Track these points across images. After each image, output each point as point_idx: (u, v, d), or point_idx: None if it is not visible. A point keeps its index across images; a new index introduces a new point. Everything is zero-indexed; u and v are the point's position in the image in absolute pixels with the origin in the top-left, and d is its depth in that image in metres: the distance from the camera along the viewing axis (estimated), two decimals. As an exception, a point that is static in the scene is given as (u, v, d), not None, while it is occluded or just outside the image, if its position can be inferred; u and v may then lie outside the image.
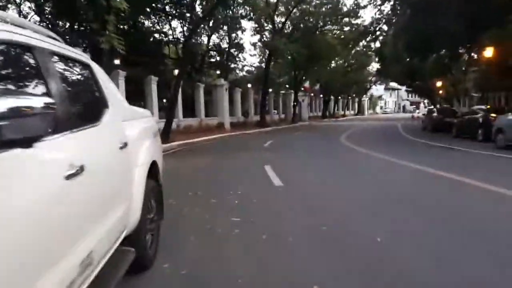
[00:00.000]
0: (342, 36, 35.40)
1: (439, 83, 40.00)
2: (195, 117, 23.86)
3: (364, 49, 48.56)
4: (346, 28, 33.54)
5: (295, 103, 37.54)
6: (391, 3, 24.87)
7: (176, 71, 20.55)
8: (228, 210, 4.88)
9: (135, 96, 19.15)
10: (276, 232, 3.97)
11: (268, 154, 11.52)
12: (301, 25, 30.96)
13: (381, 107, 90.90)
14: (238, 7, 30.38)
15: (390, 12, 27.19)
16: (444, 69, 37.98)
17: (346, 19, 31.91)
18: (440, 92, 43.46)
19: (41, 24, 26.50)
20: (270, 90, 35.48)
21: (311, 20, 31.29)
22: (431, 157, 10.41)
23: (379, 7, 25.66)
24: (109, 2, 8.47)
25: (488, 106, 18.13)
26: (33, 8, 25.59)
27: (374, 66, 57.83)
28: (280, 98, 40.22)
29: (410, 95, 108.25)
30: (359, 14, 30.80)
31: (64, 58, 2.20)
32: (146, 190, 2.91)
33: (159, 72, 20.96)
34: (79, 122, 1.99)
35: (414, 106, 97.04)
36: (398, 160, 9.18)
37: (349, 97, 67.15)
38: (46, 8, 21.08)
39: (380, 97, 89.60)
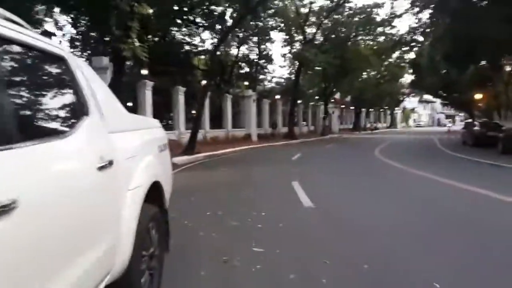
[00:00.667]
0: (375, 47, 34.33)
1: (478, 96, 37.96)
2: (222, 128, 23.45)
3: (398, 60, 47.16)
4: (380, 38, 32.46)
5: (325, 115, 36.57)
6: (430, 11, 23.67)
7: (204, 82, 20.29)
8: (250, 237, 4.19)
9: (163, 107, 18.97)
10: (306, 269, 3.24)
11: (296, 169, 10.77)
12: (333, 36, 30.18)
13: (414, 120, 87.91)
14: (268, 18, 30.14)
15: (428, 20, 26.00)
16: (484, 81, 36.05)
17: (380, 29, 30.86)
18: (480, 104, 41.22)
19: (77, 36, 27.22)
20: (299, 101, 34.75)
21: (343, 30, 30.45)
22: (481, 176, 9.32)
23: (416, 15, 24.50)
24: (132, 8, 8.09)
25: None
26: (69, 20, 26.31)
27: (408, 78, 56.31)
28: (309, 110, 39.37)
29: (445, 108, 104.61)
30: (393, 24, 29.67)
31: (25, 48, 1.62)
32: (141, 220, 2.29)
33: (187, 82, 20.74)
34: (26, 136, 1.38)
35: (450, 120, 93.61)
36: (442, 179, 8.21)
37: (381, 110, 65.23)
38: (82, 20, 21.48)
39: (413, 110, 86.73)
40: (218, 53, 22.34)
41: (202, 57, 27.57)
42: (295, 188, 7.31)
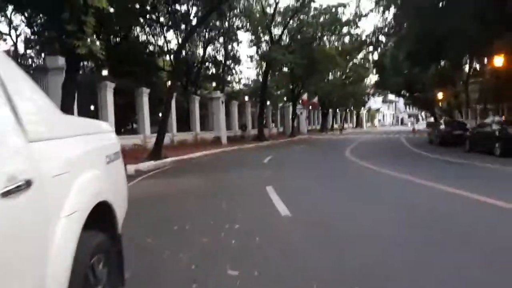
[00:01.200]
0: (340, 47, 34.64)
1: (440, 95, 39.16)
2: (190, 131, 22.69)
3: (362, 61, 48.05)
4: (346, 39, 32.76)
5: (294, 116, 36.48)
6: (394, 10, 23.97)
7: (170, 83, 19.52)
8: (223, 256, 3.64)
9: (126, 109, 18.02)
10: (291, 297, 2.74)
11: (268, 173, 10.29)
12: (299, 36, 30.07)
13: (379, 120, 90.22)
14: (234, 18, 29.66)
15: (391, 20, 26.35)
16: (446, 80, 37.23)
17: (345, 29, 31.10)
18: (441, 103, 42.61)
19: (32, 35, 25.62)
20: (268, 103, 34.48)
21: (309, 30, 30.43)
22: (457, 176, 9.16)
23: (382, 15, 24.74)
24: (86, 1, 7.33)
25: (504, 118, 17.07)
26: (23, 20, 24.72)
27: (372, 78, 57.56)
28: (278, 111, 39.20)
29: (408, 108, 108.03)
30: (359, 24, 29.93)
31: None
32: (80, 255, 1.70)
33: (152, 84, 19.86)
34: None
35: (413, 119, 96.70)
36: (420, 180, 7.98)
37: (347, 110, 66.29)
38: (37, 19, 20.13)
39: (378, 110, 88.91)
40: (183, 53, 21.61)
41: (168, 58, 26.72)
42: (270, 194, 6.81)
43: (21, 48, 28.24)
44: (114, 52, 18.26)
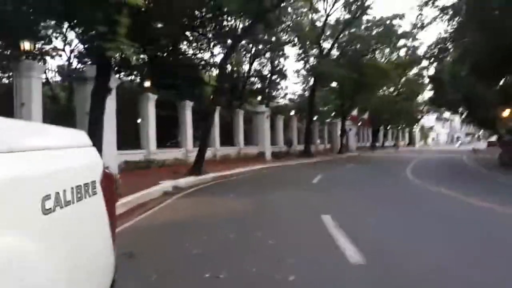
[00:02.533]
0: (395, 61, 32.53)
1: (506, 112, 35.58)
2: (233, 146, 21.71)
3: (416, 76, 45.24)
4: (401, 52, 30.68)
5: (342, 133, 34.63)
6: (458, 19, 21.96)
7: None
8: None
9: (168, 123, 17.37)
10: None
11: (321, 196, 8.86)
12: (350, 49, 28.51)
13: (432, 139, 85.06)
14: (281, 33, 28.70)
15: (454, 31, 24.20)
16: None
17: (402, 42, 29.05)
18: (507, 122, 38.76)
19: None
20: (315, 118, 32.99)
21: (360, 44, 28.78)
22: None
23: (448, 22, 22.74)
24: (120, -2, 6.48)
25: None
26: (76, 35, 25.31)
27: (426, 95, 54.16)
28: (325, 127, 37.47)
29: (464, 127, 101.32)
30: (417, 36, 27.81)
31: None
32: None
33: (196, 97, 19.15)
34: None
35: (470, 138, 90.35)
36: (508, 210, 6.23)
37: (399, 128, 62.88)
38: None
39: (431, 128, 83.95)
40: (228, 66, 20.84)
41: (213, 73, 26.21)
42: (329, 228, 5.42)
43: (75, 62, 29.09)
44: (157, 65, 17.83)
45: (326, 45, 29.26)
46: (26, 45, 9.02)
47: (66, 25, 18.23)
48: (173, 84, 17.97)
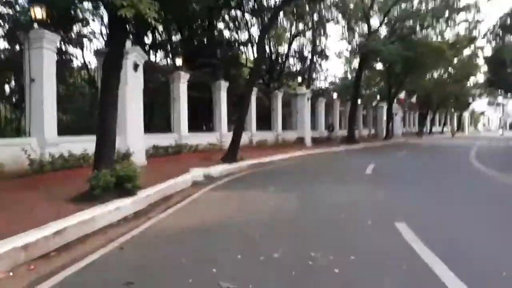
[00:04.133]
0: (450, 40, 29.29)
1: None
2: (270, 130, 20.15)
3: (470, 57, 41.10)
4: (461, 28, 27.40)
5: (390, 118, 32.12)
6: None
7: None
8: None
9: (201, 104, 16.07)
10: None
11: (383, 193, 7.15)
12: (401, 26, 25.77)
13: (484, 125, 79.23)
14: (323, 10, 26.43)
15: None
16: None
17: (462, 16, 25.74)
18: None
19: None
20: (359, 102, 30.68)
21: (413, 20, 25.92)
22: None
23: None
24: None
25: None
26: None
27: (479, 77, 49.69)
28: (370, 111, 34.95)
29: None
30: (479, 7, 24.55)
31: None
32: None
33: (232, 78, 17.69)
34: None
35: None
36: None
37: (447, 113, 58.60)
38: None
39: (482, 113, 78.18)
40: (266, 43, 19.12)
41: (250, 53, 24.57)
42: (412, 244, 3.80)
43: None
44: (191, 43, 16.48)
45: (374, 22, 26.76)
46: (37, 12, 7.80)
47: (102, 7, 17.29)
48: (208, 63, 16.57)
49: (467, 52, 38.61)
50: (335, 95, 27.85)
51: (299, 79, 25.22)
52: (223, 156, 12.16)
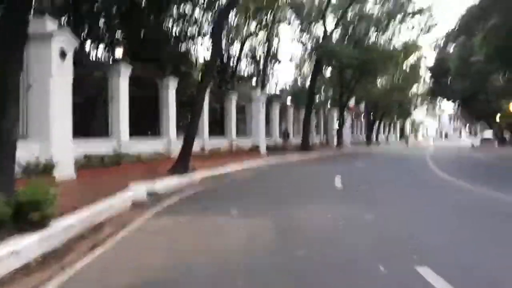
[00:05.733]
0: (399, 46, 29.61)
1: (512, 105, 33.34)
2: (224, 137, 18.53)
3: (413, 66, 42.31)
4: (410, 34, 27.69)
5: (341, 125, 31.81)
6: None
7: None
8: None
9: (146, 104, 14.06)
10: None
11: (372, 217, 5.83)
12: (356, 29, 25.43)
13: (422, 135, 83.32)
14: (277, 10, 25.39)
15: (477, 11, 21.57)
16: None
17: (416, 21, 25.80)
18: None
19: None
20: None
21: (366, 24, 25.73)
22: None
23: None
24: None
25: None
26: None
27: (419, 87, 51.69)
28: (321, 118, 34.48)
29: (452, 122, 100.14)
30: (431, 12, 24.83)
31: None
32: None
33: (182, 75, 15.82)
34: None
35: (459, 133, 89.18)
36: None
37: (391, 122, 60.54)
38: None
39: (421, 123, 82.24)
40: (222, 36, 17.46)
41: (201, 55, 22.80)
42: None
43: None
44: (135, 34, 14.44)
45: (328, 25, 26.16)
46: None
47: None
48: (154, 57, 14.56)
49: (411, 61, 39.79)
50: (288, 100, 26.87)
51: (253, 82, 23.91)
52: (172, 166, 10.35)
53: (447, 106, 77.55)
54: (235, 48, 27.21)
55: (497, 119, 41.12)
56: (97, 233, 4.87)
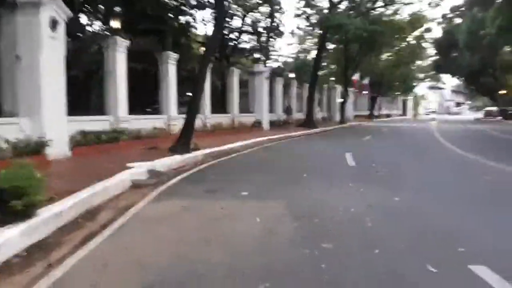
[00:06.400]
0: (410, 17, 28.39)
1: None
2: (226, 113, 17.88)
3: (419, 39, 40.94)
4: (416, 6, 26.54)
5: (344, 100, 31.08)
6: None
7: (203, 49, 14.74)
8: None
9: (145, 80, 13.37)
10: None
11: (399, 200, 5.30)
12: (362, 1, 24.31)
13: (425, 108, 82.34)
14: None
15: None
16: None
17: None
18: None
19: None
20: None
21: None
22: None
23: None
24: None
25: None
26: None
27: (424, 61, 50.47)
28: (325, 94, 33.65)
29: (455, 96, 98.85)
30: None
31: None
32: None
33: (181, 49, 15.03)
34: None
35: (460, 107, 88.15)
36: None
37: (395, 96, 59.57)
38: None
39: (423, 97, 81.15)
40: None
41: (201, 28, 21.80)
42: None
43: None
44: (132, 8, 13.55)
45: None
46: None
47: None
48: (153, 29, 13.73)
49: (417, 34, 38.51)
50: (292, 75, 26.03)
51: (256, 56, 23.01)
52: (174, 144, 9.80)
53: (449, 81, 76.65)
54: (236, 23, 26.17)
55: (503, 93, 40.37)
56: (93, 219, 4.36)
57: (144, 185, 6.29)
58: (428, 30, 38.71)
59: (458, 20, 38.09)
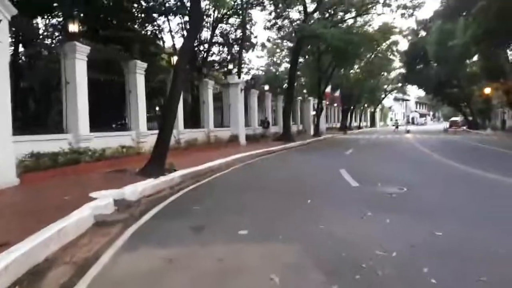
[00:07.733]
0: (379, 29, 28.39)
1: (487, 90, 33.19)
2: (200, 128, 16.57)
3: (390, 49, 41.28)
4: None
5: (319, 113, 30.54)
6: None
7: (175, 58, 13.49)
8: None
9: (110, 91, 11.90)
10: None
11: (450, 241, 4.25)
12: (336, 10, 23.90)
13: (391, 119, 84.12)
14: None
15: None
16: (496, 73, 31.33)
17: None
18: (495, 100, 36.72)
19: None
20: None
21: (346, 6, 24.23)
22: None
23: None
24: None
25: None
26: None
27: (391, 73, 51.38)
28: (298, 106, 32.99)
29: (418, 107, 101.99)
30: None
31: None
32: None
33: (151, 59, 13.72)
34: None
35: (425, 118, 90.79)
36: None
37: (362, 108, 60.28)
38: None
39: (390, 108, 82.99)
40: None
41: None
42: None
43: None
44: (94, 14, 12.13)
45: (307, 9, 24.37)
46: None
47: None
48: (118, 37, 12.32)
49: (384, 46, 38.83)
50: (266, 87, 25.14)
51: (229, 67, 21.96)
52: (145, 164, 8.43)
53: (414, 92, 78.73)
54: (205, 34, 25.00)
55: (470, 104, 41.29)
56: None
57: (111, 223, 4.93)
58: (395, 43, 39.27)
59: (423, 33, 38.93)
